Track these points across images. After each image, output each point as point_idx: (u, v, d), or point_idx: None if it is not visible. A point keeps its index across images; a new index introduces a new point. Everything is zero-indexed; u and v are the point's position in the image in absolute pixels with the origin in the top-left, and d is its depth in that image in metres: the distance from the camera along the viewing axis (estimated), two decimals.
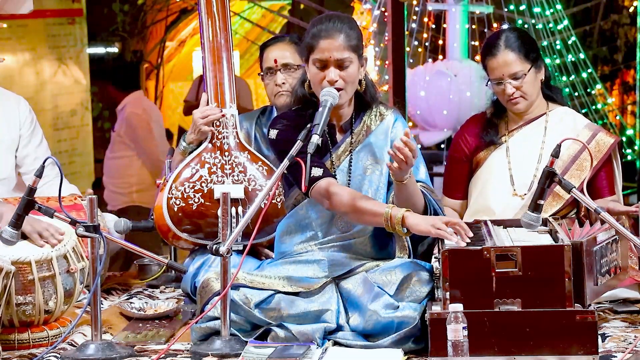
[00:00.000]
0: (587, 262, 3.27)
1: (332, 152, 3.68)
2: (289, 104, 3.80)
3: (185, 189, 4.05)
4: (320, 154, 3.61)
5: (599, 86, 10.07)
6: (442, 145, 9.38)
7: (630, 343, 3.29)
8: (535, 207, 3.33)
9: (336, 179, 3.62)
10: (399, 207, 3.45)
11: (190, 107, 10.24)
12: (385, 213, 3.41)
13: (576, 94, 9.71)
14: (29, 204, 3.32)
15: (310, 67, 3.60)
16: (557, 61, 9.60)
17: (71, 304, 3.67)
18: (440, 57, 9.90)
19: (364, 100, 3.71)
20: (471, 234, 3.33)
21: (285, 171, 3.43)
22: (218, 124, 4.12)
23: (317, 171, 3.52)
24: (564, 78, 9.61)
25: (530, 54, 4.12)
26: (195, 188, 4.06)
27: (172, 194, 4.04)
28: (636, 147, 9.47)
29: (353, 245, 3.64)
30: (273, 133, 3.66)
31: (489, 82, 4.17)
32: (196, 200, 4.05)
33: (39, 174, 3.29)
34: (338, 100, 3.51)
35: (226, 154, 4.10)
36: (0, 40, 9.83)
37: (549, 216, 3.83)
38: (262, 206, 3.36)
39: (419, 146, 4.04)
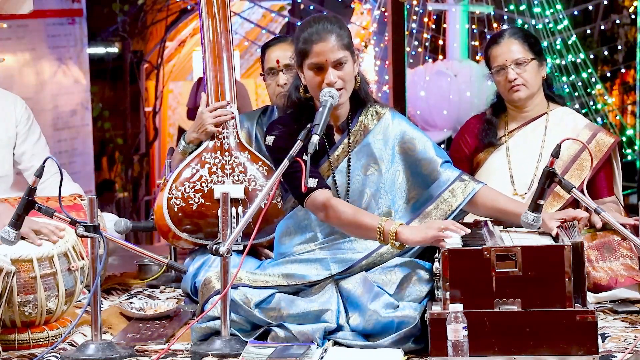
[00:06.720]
0: None
1: (329, 154, 3.67)
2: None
3: (185, 189, 4.05)
4: (316, 158, 3.60)
5: (599, 86, 10.07)
6: (442, 146, 9.37)
7: (630, 343, 3.29)
8: (535, 207, 3.33)
9: (334, 184, 3.61)
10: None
11: (191, 111, 10.26)
12: (379, 227, 3.41)
13: (576, 94, 9.70)
14: (28, 204, 3.31)
15: (305, 72, 3.57)
16: (557, 61, 9.61)
17: (71, 303, 3.67)
18: (440, 57, 9.90)
19: (358, 98, 3.70)
20: (468, 231, 3.34)
21: (281, 178, 3.43)
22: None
23: (311, 182, 3.50)
24: (564, 78, 9.61)
25: (534, 47, 4.17)
26: (196, 188, 4.05)
27: (173, 194, 4.04)
28: (636, 147, 9.47)
29: (353, 245, 3.63)
30: (270, 139, 3.64)
31: (491, 72, 4.19)
32: (196, 200, 4.05)
33: (39, 174, 3.28)
34: (338, 100, 3.51)
35: (226, 154, 4.10)
36: (0, 40, 9.82)
37: None
38: (262, 206, 3.36)
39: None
